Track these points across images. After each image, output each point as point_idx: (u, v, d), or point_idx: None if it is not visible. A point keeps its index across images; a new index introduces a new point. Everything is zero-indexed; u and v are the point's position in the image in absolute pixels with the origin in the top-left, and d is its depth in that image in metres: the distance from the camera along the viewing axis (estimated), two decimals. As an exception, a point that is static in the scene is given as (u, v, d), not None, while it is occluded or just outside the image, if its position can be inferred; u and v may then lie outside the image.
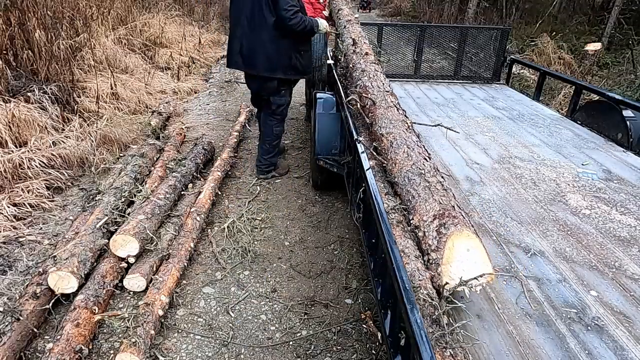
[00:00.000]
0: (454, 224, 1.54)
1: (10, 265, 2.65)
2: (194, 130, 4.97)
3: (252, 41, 3.43)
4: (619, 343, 1.48)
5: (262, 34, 3.37)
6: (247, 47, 3.46)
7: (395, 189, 1.99)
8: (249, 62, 3.51)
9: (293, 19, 3.25)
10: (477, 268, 1.46)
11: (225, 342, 2.24)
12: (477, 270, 1.45)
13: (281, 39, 3.39)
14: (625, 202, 2.36)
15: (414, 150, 2.02)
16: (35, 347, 2.13)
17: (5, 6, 4.30)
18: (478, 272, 1.44)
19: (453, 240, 1.49)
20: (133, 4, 7.35)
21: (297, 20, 3.27)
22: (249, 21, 3.39)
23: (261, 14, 3.32)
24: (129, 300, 2.45)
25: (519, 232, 2.10)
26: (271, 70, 3.48)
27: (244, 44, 3.46)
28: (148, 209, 2.75)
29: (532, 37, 9.30)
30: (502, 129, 3.40)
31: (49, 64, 4.54)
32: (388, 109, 2.33)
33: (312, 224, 3.32)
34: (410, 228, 1.75)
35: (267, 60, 3.44)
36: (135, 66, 6.04)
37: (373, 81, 2.60)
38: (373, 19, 15.03)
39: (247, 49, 3.47)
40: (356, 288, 2.67)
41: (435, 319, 1.33)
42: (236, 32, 3.50)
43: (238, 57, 3.53)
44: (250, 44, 3.44)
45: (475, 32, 5.04)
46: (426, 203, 1.69)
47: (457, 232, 1.51)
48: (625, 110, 3.24)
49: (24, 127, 3.79)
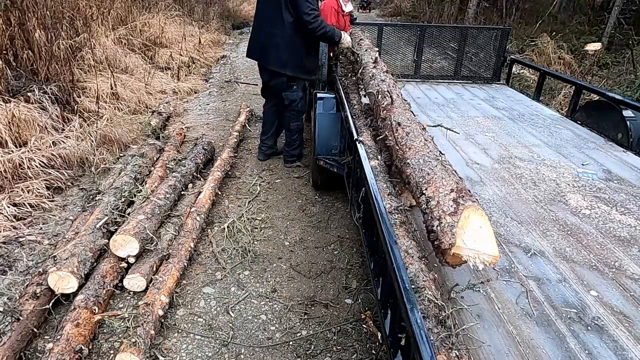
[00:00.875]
0: (471, 200, 1.53)
1: (10, 265, 2.65)
2: (194, 130, 4.97)
3: (269, 36, 3.70)
4: (619, 343, 1.48)
5: (278, 31, 3.62)
6: (264, 41, 3.74)
7: (406, 170, 1.96)
8: (263, 54, 3.80)
9: (313, 22, 3.48)
10: (487, 246, 1.43)
11: (225, 342, 2.24)
12: (486, 248, 1.43)
13: (295, 39, 3.62)
14: (625, 202, 2.36)
15: (430, 142, 2.08)
16: (35, 347, 2.13)
17: (5, 6, 4.30)
18: (487, 250, 1.42)
19: (469, 212, 1.47)
20: (133, 4, 7.35)
21: (317, 24, 3.50)
22: (269, 17, 3.67)
23: (279, 13, 3.56)
24: (129, 300, 2.45)
25: (519, 232, 2.10)
26: (281, 66, 3.73)
27: (262, 37, 3.76)
28: (148, 209, 2.75)
29: (532, 37, 9.30)
30: (502, 129, 3.40)
31: (49, 64, 4.54)
32: (404, 110, 2.40)
33: (312, 224, 3.32)
34: (423, 199, 1.70)
35: (279, 56, 3.70)
36: (135, 66, 6.04)
37: (391, 88, 2.69)
38: (373, 19, 15.03)
39: (263, 43, 3.75)
40: (356, 288, 2.66)
41: (441, 319, 1.33)
42: (257, 25, 3.82)
43: (256, 49, 3.85)
44: (267, 38, 3.72)
45: (475, 32, 5.04)
46: (442, 180, 1.68)
47: (474, 208, 1.49)
48: (625, 110, 3.24)
49: (24, 127, 3.79)
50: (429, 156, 1.91)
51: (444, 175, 1.73)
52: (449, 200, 1.56)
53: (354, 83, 3.72)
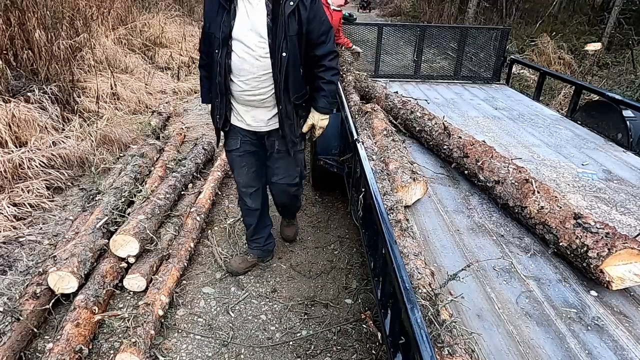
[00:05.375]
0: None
1: (10, 265, 2.65)
2: (194, 130, 4.96)
3: None
4: (619, 343, 1.48)
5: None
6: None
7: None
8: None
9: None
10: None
11: (225, 342, 2.24)
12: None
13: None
14: (625, 202, 2.36)
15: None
16: (35, 347, 2.13)
17: (5, 6, 4.30)
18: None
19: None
20: (133, 4, 7.35)
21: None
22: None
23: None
24: (129, 300, 2.45)
25: (519, 232, 2.10)
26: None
27: None
28: (148, 209, 2.75)
29: (532, 37, 9.30)
30: (502, 129, 3.40)
31: (49, 64, 4.54)
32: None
33: (312, 224, 3.32)
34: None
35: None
36: (135, 66, 6.04)
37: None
38: (373, 19, 15.03)
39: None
40: (356, 288, 2.66)
41: (429, 318, 1.33)
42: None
43: None
44: None
45: (475, 32, 5.04)
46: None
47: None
48: (625, 110, 3.24)
49: (24, 127, 3.79)
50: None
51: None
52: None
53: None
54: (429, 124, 2.93)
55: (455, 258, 1.90)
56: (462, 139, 2.64)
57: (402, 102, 3.33)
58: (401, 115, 3.22)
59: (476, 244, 1.99)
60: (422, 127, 2.97)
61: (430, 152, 2.94)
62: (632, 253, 1.67)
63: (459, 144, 2.62)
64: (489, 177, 2.31)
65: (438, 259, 1.90)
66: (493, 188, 2.27)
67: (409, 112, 3.16)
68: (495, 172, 2.29)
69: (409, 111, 3.16)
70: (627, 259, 1.69)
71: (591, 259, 1.69)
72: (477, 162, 2.42)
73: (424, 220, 2.19)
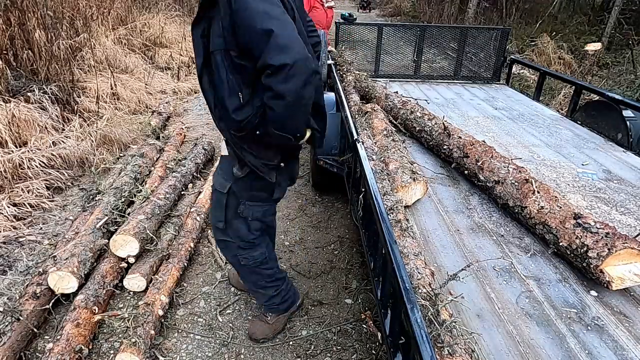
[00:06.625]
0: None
1: (10, 265, 2.65)
2: (194, 130, 4.96)
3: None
4: (619, 343, 1.48)
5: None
6: None
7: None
8: None
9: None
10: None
11: (225, 342, 2.24)
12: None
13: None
14: (625, 202, 2.36)
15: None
16: (35, 347, 2.13)
17: (5, 6, 4.30)
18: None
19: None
20: (133, 4, 7.35)
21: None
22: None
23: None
24: (129, 300, 2.45)
25: (519, 232, 2.10)
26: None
27: None
28: (148, 209, 2.75)
29: (532, 37, 9.29)
30: (502, 129, 3.40)
31: (49, 64, 4.54)
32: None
33: (312, 224, 3.32)
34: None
35: None
36: (135, 66, 6.04)
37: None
38: (373, 19, 15.03)
39: None
40: (356, 288, 2.66)
41: (429, 318, 1.33)
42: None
43: None
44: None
45: (475, 32, 5.04)
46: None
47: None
48: (625, 110, 3.24)
49: (24, 127, 3.79)
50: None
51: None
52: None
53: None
54: (429, 124, 2.93)
55: (455, 258, 1.90)
56: (462, 139, 2.63)
57: (402, 102, 3.33)
58: (401, 115, 3.22)
59: (476, 244, 1.99)
60: (422, 127, 2.97)
61: (430, 152, 2.94)
62: (632, 253, 1.67)
63: (459, 144, 2.62)
64: (489, 177, 2.31)
65: (438, 259, 1.90)
66: (493, 188, 2.27)
67: (409, 112, 3.16)
68: (495, 172, 2.29)
69: (409, 111, 3.16)
70: (627, 259, 1.69)
71: (591, 259, 1.69)
72: (477, 162, 2.42)
73: (424, 220, 2.19)
